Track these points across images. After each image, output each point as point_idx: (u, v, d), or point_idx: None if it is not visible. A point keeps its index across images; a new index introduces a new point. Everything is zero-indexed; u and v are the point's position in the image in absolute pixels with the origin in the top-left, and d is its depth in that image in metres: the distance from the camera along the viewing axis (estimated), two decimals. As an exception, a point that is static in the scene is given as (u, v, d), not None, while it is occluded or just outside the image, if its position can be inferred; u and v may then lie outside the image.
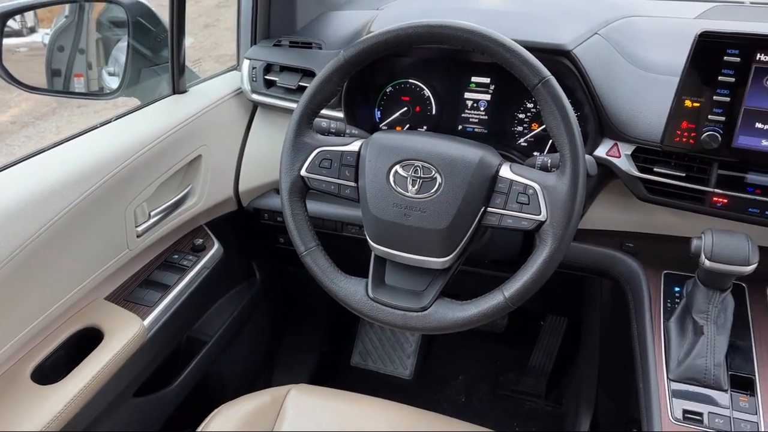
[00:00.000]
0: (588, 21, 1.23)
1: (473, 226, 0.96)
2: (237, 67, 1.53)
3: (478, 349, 2.11)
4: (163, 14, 1.34)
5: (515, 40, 0.93)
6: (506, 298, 0.93)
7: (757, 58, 0.95)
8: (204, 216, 1.46)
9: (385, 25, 0.98)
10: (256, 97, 1.43)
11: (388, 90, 1.34)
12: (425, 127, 1.34)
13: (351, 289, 1.02)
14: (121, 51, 1.42)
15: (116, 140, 1.19)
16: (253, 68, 1.42)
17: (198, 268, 1.36)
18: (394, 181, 0.97)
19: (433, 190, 0.95)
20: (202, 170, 1.39)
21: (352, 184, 1.02)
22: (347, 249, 1.29)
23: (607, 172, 1.15)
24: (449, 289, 1.01)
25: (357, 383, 2.02)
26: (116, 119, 1.27)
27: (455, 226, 0.94)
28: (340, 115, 1.31)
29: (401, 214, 0.96)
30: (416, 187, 0.95)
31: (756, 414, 0.94)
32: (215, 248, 1.42)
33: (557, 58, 1.11)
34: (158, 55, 1.42)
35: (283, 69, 1.39)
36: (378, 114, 1.37)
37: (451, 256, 0.97)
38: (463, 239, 0.96)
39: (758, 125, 0.98)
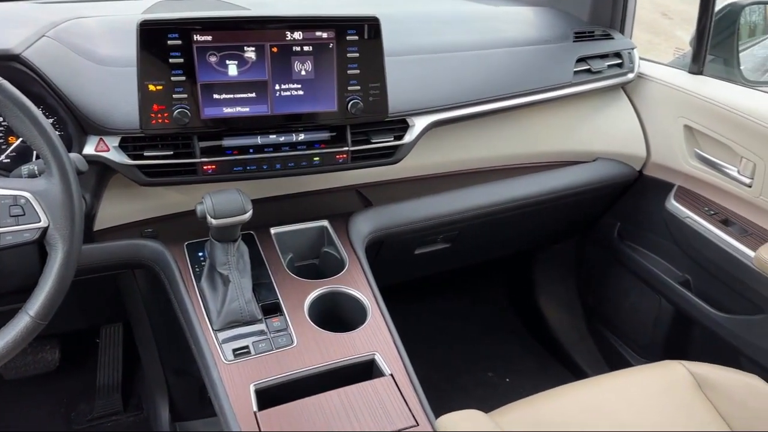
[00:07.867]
0: (33, 25, 1.20)
1: None
2: None
3: (37, 396, 1.89)
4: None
5: None
6: (33, 317, 0.88)
7: (195, 39, 1.09)
8: None
9: None
10: None
11: None
12: None
13: None
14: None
15: None
16: None
17: None
18: None
19: None
20: None
21: None
22: None
23: (104, 167, 1.16)
24: None
25: None
26: None
27: None
28: None
29: None
30: None
31: (287, 328, 1.14)
32: None
33: (9, 63, 1.06)
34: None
35: None
36: None
37: None
38: None
39: (216, 96, 1.14)
